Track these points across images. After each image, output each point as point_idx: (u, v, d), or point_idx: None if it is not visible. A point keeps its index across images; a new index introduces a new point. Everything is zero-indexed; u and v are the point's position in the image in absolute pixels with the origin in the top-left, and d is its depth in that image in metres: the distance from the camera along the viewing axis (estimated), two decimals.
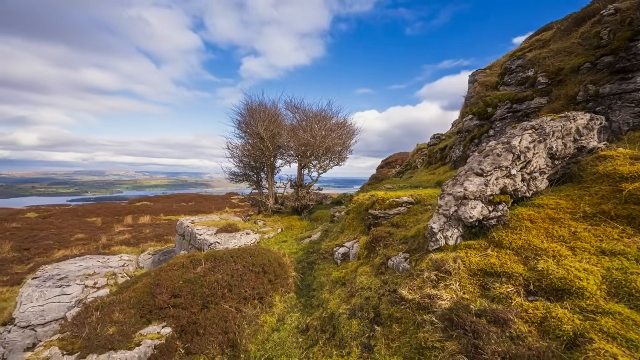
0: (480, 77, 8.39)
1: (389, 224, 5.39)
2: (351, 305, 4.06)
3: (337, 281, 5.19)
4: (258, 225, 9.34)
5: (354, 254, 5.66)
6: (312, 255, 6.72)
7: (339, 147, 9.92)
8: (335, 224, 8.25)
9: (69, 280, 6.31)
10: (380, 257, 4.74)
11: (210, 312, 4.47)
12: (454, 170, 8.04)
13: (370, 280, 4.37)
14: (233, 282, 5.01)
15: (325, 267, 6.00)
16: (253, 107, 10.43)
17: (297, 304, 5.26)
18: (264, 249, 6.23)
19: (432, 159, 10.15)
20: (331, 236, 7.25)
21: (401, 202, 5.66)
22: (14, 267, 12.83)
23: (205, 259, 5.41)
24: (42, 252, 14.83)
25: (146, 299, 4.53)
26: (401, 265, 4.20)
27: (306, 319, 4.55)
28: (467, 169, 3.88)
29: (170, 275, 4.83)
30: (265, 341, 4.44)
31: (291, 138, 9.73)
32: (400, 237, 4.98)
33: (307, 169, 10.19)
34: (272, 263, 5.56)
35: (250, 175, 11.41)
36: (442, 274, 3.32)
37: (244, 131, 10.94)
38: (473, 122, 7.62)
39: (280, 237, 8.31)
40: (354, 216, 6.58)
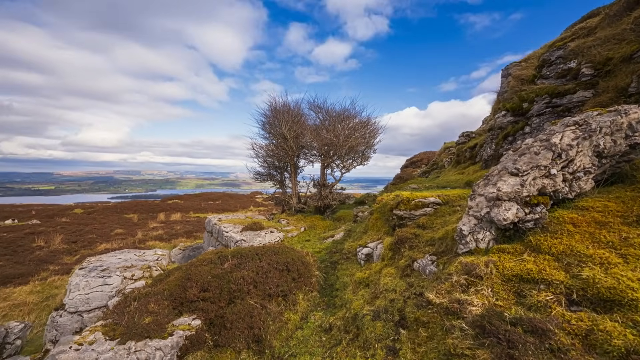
0: (514, 71, 7.88)
1: (414, 225, 5.24)
2: (375, 306, 4.00)
3: (360, 282, 5.14)
4: (282, 224, 9.50)
5: (378, 255, 5.57)
6: (335, 255, 6.72)
7: (362, 146, 9.82)
8: (359, 224, 8.17)
9: (110, 271, 6.82)
10: (406, 259, 4.62)
11: (237, 307, 4.61)
12: (485, 169, 7.63)
13: (394, 282, 4.28)
14: (258, 279, 5.14)
15: (348, 267, 5.97)
16: (277, 108, 10.62)
17: (320, 303, 5.28)
18: (288, 247, 6.32)
19: (461, 158, 9.71)
20: (354, 236, 7.20)
21: (427, 202, 5.48)
22: (64, 258, 14.14)
23: (232, 255, 5.60)
24: (87, 245, 16.19)
25: (178, 291, 4.78)
26: (428, 268, 4.07)
27: (329, 319, 4.56)
28: (501, 169, 3.66)
29: (200, 270, 5.06)
30: (289, 338, 4.51)
31: (314, 138, 9.79)
32: (426, 239, 4.82)
33: (330, 168, 10.20)
34: (296, 262, 5.63)
35: (274, 175, 11.63)
36: (472, 278, 3.17)
37: (268, 132, 11.17)
38: (506, 118, 7.18)
39: (304, 236, 8.39)
40: (377, 216, 6.48)
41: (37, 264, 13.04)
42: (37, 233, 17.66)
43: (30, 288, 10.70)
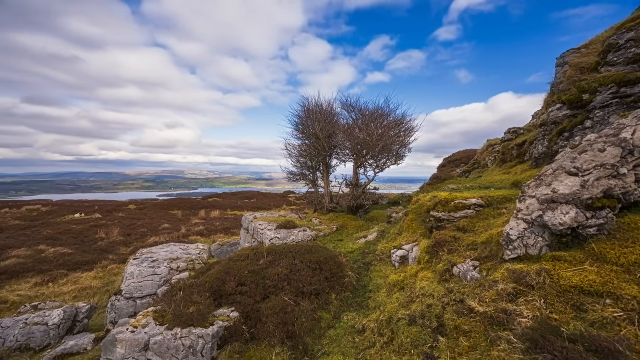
0: (572, 58, 7.04)
1: (454, 227, 4.95)
2: (411, 311, 3.86)
3: (394, 284, 5.00)
4: (314, 223, 9.59)
5: (414, 258, 5.36)
6: (368, 255, 6.61)
7: (396, 145, 9.52)
8: (392, 225, 7.95)
9: (159, 262, 7.46)
10: (444, 263, 4.39)
11: (271, 302, 4.76)
12: (535, 168, 6.95)
13: (432, 286, 4.09)
14: (292, 276, 5.24)
15: (382, 269, 5.84)
16: (310, 108, 10.74)
17: (353, 303, 5.23)
18: (321, 246, 6.37)
19: (507, 157, 8.94)
20: (388, 237, 7.01)
21: (469, 204, 5.14)
22: (121, 249, 15.77)
23: (266, 252, 5.79)
24: (139, 237, 17.88)
25: (217, 284, 5.07)
26: (469, 273, 3.82)
27: (362, 320, 4.50)
28: (556, 167, 3.31)
29: (237, 266, 5.31)
30: (322, 336, 4.54)
31: (347, 137, 9.72)
32: (467, 242, 4.53)
33: (363, 168, 10.05)
34: (329, 261, 5.64)
35: (306, 175, 11.78)
36: (521, 287, 2.91)
37: (301, 132, 11.34)
38: (562, 112, 6.45)
39: (336, 236, 8.39)
40: (413, 217, 6.24)
41: (99, 253, 14.72)
42: (99, 226, 19.94)
43: (94, 274, 12.12)
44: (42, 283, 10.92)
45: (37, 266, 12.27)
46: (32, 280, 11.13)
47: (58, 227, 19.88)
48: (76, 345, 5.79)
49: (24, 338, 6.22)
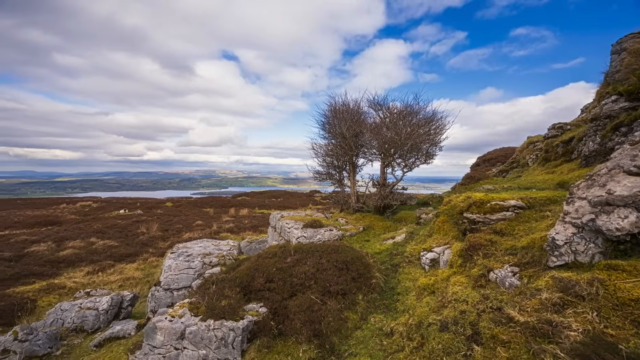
0: (631, 44, 6.28)
1: (490, 230, 4.66)
2: (443, 316, 3.70)
3: (424, 288, 4.82)
4: (340, 222, 9.55)
5: (445, 261, 5.13)
6: (396, 257, 6.44)
7: (426, 143, 9.17)
8: (422, 227, 7.67)
9: (193, 257, 7.89)
10: (479, 267, 4.15)
11: (298, 300, 4.82)
12: (585, 168, 6.32)
13: (466, 292, 3.88)
14: (318, 275, 5.27)
15: (411, 271, 5.66)
16: (336, 108, 10.70)
17: (380, 305, 5.13)
18: (347, 246, 6.33)
19: (551, 155, 8.21)
20: (417, 239, 6.78)
21: (507, 205, 4.81)
22: (159, 243, 16.93)
23: (294, 250, 5.88)
24: (175, 233, 19.06)
25: (247, 280, 5.24)
26: (507, 280, 3.58)
27: (390, 323, 4.40)
28: (612, 167, 2.98)
29: (266, 263, 5.45)
30: (348, 337, 4.50)
31: (374, 136, 9.55)
32: (505, 247, 4.25)
33: (391, 167, 9.81)
34: (355, 261, 5.59)
35: (333, 174, 11.77)
36: (570, 297, 2.66)
37: (328, 131, 11.34)
38: (618, 104, 5.78)
39: (363, 236, 8.28)
40: (444, 219, 5.97)
41: (140, 246, 15.92)
42: (140, 221, 21.57)
43: (136, 265, 13.14)
44: (93, 272, 12.06)
45: (89, 257, 13.57)
46: (85, 269, 12.34)
47: (106, 221, 21.83)
48: (122, 330, 6.32)
49: (79, 321, 6.91)
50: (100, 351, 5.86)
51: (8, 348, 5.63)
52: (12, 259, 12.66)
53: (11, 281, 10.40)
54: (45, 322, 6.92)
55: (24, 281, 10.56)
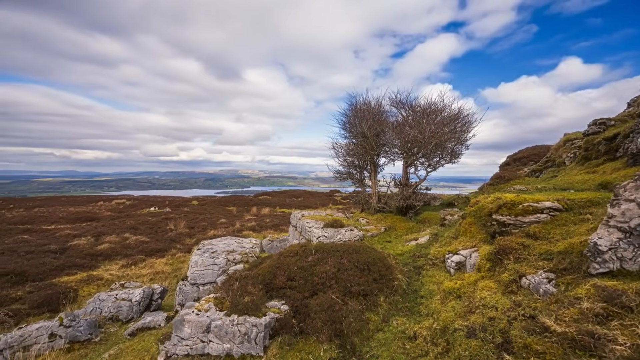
0: None
1: (522, 233, 4.41)
2: (470, 322, 3.55)
3: (450, 292, 4.65)
4: (361, 222, 9.46)
5: (472, 265, 4.92)
6: (419, 259, 6.27)
7: (451, 142, 8.82)
8: (447, 229, 7.41)
9: (218, 254, 8.16)
10: (510, 272, 3.93)
11: (319, 299, 4.83)
12: (632, 167, 5.78)
13: (495, 298, 3.70)
14: (339, 275, 5.25)
15: (435, 274, 5.49)
16: (357, 107, 10.61)
17: (403, 308, 5.02)
18: (369, 247, 6.25)
19: (591, 153, 7.58)
20: (442, 241, 6.56)
21: (541, 207, 4.52)
22: (186, 240, 17.71)
23: (315, 250, 5.90)
24: (201, 230, 19.84)
25: (269, 277, 5.34)
26: (542, 286, 3.36)
27: (414, 326, 4.29)
28: None
29: (287, 261, 5.52)
30: (370, 338, 4.45)
31: (396, 135, 9.35)
32: (539, 251, 3.99)
33: (414, 167, 9.55)
34: (377, 262, 5.51)
35: (353, 174, 11.68)
36: (615, 308, 2.45)
37: (349, 131, 11.28)
38: None
39: (384, 237, 8.15)
40: (471, 221, 5.72)
41: (169, 242, 16.75)
42: (169, 219, 22.68)
43: (165, 260, 13.83)
44: (127, 265, 12.86)
45: (123, 251, 14.49)
46: (120, 262, 13.19)
47: (138, 218, 23.19)
48: (153, 321, 6.68)
49: (115, 310, 7.41)
50: (133, 340, 6.24)
51: (55, 332, 6.16)
52: (58, 252, 13.82)
53: (57, 271, 11.36)
54: (86, 310, 7.48)
55: (68, 272, 11.49)
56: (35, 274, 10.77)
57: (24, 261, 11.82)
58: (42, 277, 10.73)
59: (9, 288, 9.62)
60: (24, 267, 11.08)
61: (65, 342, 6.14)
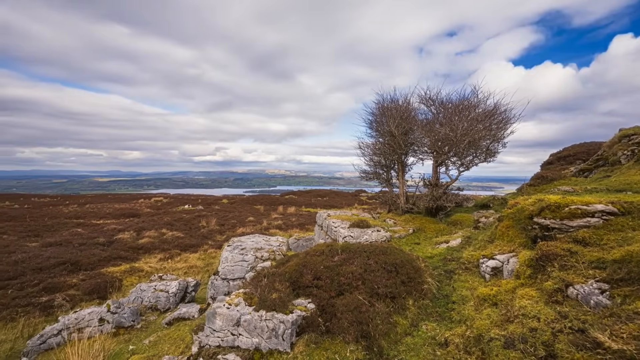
0: None
1: (569, 239, 4.04)
2: (508, 332, 3.32)
3: (485, 299, 4.39)
4: (388, 223, 9.26)
5: (510, 271, 4.60)
6: (451, 263, 6.00)
7: (486, 140, 8.31)
8: (481, 232, 7.01)
9: (247, 251, 8.44)
10: (554, 281, 3.62)
11: (346, 299, 4.80)
12: None
13: (537, 307, 3.43)
14: (366, 276, 5.18)
15: (468, 279, 5.21)
16: (384, 105, 10.39)
17: (433, 313, 4.83)
18: (396, 248, 6.10)
19: None
20: (476, 245, 6.21)
21: (592, 210, 4.10)
22: (217, 236, 18.54)
23: (341, 250, 5.88)
24: (230, 228, 20.66)
25: (296, 276, 5.41)
26: (593, 298, 3.06)
27: (445, 332, 4.11)
28: None
29: (313, 260, 5.56)
30: (398, 342, 4.34)
31: (425, 133, 9.01)
32: (590, 258, 3.63)
33: (445, 166, 9.14)
34: (405, 264, 5.36)
35: (380, 174, 11.47)
36: None
37: (375, 130, 11.08)
38: None
39: (413, 239, 7.89)
40: (509, 224, 5.35)
41: (201, 238, 17.64)
42: (201, 216, 23.90)
43: (198, 255, 14.60)
44: (164, 259, 13.76)
45: (161, 245, 15.53)
46: (158, 256, 14.15)
47: (174, 215, 24.71)
48: (187, 312, 7.08)
49: (154, 300, 7.96)
50: (170, 328, 6.66)
51: (103, 317, 6.77)
52: (105, 244, 15.16)
53: (104, 262, 12.46)
54: (129, 299, 8.13)
55: (114, 263, 12.56)
56: (87, 264, 11.91)
57: (78, 252, 13.13)
58: (92, 266, 11.84)
59: (66, 275, 10.74)
60: (78, 257, 12.31)
61: (112, 327, 6.72)
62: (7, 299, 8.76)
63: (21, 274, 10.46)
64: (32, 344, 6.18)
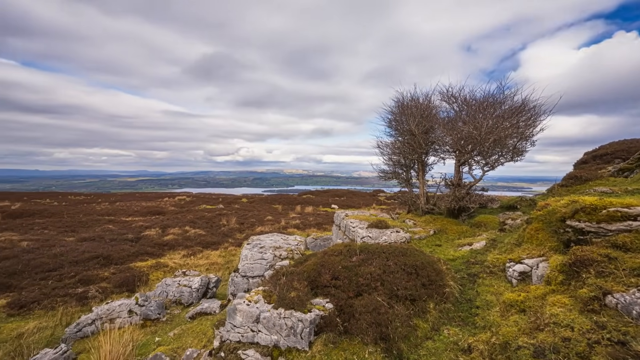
0: None
1: (607, 243, 3.76)
2: (537, 340, 3.14)
3: (511, 304, 4.18)
4: (408, 224, 9.06)
5: (540, 276, 4.36)
6: (474, 266, 5.77)
7: (513, 138, 7.91)
8: (507, 234, 6.69)
9: (266, 249, 8.58)
10: (590, 288, 3.38)
11: (364, 300, 4.75)
12: None
13: (570, 316, 3.22)
14: (385, 277, 5.10)
15: (493, 283, 4.99)
16: (404, 104, 10.18)
17: (455, 317, 4.67)
18: (416, 249, 5.96)
19: None
20: (501, 248, 5.94)
21: (634, 213, 3.79)
22: (237, 234, 19.01)
23: (359, 250, 5.83)
24: (249, 226, 21.10)
25: (314, 275, 5.43)
26: (635, 308, 2.83)
27: (468, 338, 3.96)
28: None
29: (331, 260, 5.55)
30: (418, 346, 4.24)
31: (447, 132, 8.73)
32: (631, 265, 3.36)
33: (468, 165, 8.81)
34: (426, 266, 5.22)
35: (399, 173, 11.25)
36: None
37: (395, 129, 10.89)
38: None
39: (433, 240, 7.68)
40: (539, 227, 5.06)
41: (222, 236, 18.15)
42: (222, 214, 24.59)
43: (219, 253, 15.03)
44: (187, 255, 14.30)
45: (184, 242, 16.15)
46: (182, 252, 14.73)
47: (196, 213, 25.61)
48: (209, 307, 7.31)
49: (178, 295, 8.30)
50: (193, 322, 6.91)
51: (132, 310, 7.15)
52: (133, 240, 15.99)
53: (133, 257, 13.15)
54: (155, 292, 8.52)
55: (141, 258, 13.22)
56: (117, 259, 12.62)
57: (109, 247, 13.95)
58: (122, 261, 12.54)
59: (99, 269, 11.45)
60: (109, 252, 13.07)
61: (140, 319, 7.08)
62: (48, 289, 9.48)
63: (60, 267, 11.28)
64: (69, 332, 6.64)
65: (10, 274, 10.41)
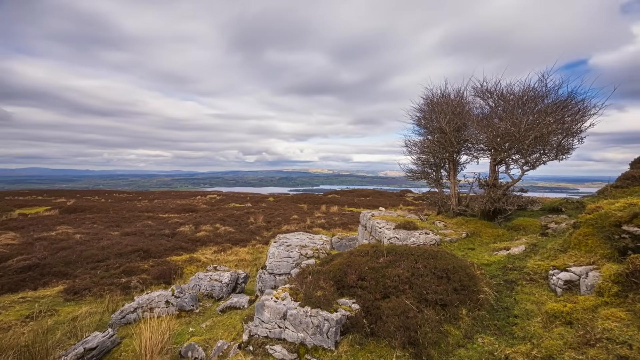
0: None
1: None
2: (587, 357, 2.86)
3: (555, 315, 3.85)
4: (437, 226, 8.70)
5: (590, 286, 3.96)
6: (512, 272, 5.39)
7: (557, 135, 7.25)
8: (550, 239, 6.17)
9: (292, 248, 8.71)
10: None
11: (392, 303, 4.64)
12: None
13: (628, 332, 2.89)
14: (414, 280, 4.94)
15: (534, 292, 4.63)
16: (434, 101, 9.78)
17: (490, 325, 4.40)
18: (447, 253, 5.70)
19: None
20: (543, 254, 5.49)
21: None
22: (264, 232, 19.52)
23: (386, 251, 5.70)
24: (276, 225, 21.56)
25: (340, 275, 5.41)
26: None
27: (505, 349, 3.71)
28: None
29: (358, 260, 5.49)
30: (449, 353, 4.05)
31: (481, 129, 8.24)
32: None
33: (505, 164, 8.25)
34: (458, 271, 4.98)
35: (428, 173, 10.84)
36: None
37: (424, 127, 10.51)
38: None
39: (466, 244, 7.29)
40: (588, 231, 4.60)
41: (250, 234, 18.74)
42: (249, 213, 25.39)
43: (247, 250, 15.54)
44: (218, 251, 14.95)
45: (215, 239, 16.91)
46: (213, 248, 15.44)
47: (226, 211, 26.69)
48: (238, 302, 7.59)
49: (210, 289, 8.70)
50: (223, 316, 7.21)
51: (169, 300, 7.63)
52: (169, 236, 17.05)
53: (169, 252, 14.03)
54: (189, 285, 9.01)
55: (176, 252, 14.07)
56: (155, 252, 13.54)
57: (148, 241, 15.00)
58: (159, 255, 13.43)
59: (139, 261, 12.37)
60: (149, 246, 14.07)
61: (175, 310, 7.53)
62: (97, 278, 10.43)
63: (107, 258, 12.36)
64: (115, 318, 7.25)
65: (67, 263, 11.61)
